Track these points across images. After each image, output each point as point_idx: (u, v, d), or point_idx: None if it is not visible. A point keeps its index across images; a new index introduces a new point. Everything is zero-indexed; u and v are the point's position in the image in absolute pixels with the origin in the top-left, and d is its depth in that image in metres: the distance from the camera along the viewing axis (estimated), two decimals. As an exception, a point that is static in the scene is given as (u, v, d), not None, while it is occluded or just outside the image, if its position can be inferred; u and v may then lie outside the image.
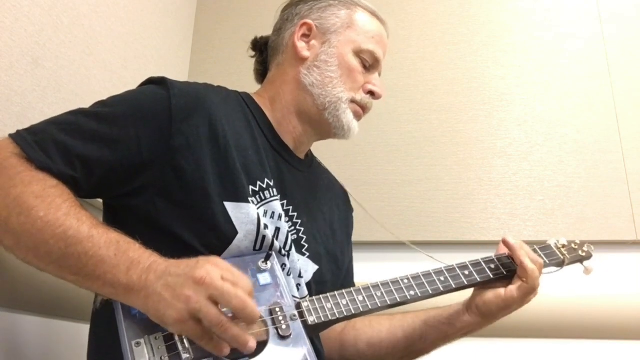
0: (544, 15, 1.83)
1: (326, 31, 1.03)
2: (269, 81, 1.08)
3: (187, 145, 0.85)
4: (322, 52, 1.02)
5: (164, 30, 1.75)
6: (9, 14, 1.04)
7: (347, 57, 1.02)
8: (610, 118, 1.68)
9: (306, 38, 1.04)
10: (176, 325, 0.67)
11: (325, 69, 1.01)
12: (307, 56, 1.03)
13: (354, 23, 1.04)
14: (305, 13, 1.06)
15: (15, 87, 1.05)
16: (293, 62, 1.04)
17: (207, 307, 0.66)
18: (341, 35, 1.03)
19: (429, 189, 1.70)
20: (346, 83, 1.01)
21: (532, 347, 1.53)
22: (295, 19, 1.06)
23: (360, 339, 1.06)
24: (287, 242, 0.93)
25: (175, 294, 0.66)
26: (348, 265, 1.12)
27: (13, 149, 0.77)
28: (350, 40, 1.02)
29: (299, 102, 1.02)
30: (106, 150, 0.81)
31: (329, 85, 1.00)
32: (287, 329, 0.77)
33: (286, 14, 1.09)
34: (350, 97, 1.01)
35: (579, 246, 1.06)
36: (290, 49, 1.04)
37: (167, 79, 0.89)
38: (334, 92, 1.00)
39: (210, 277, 0.66)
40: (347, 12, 1.05)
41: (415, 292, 0.89)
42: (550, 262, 1.00)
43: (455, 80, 1.80)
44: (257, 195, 0.90)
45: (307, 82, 1.01)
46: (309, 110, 1.01)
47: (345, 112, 1.01)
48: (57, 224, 0.71)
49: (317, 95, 1.00)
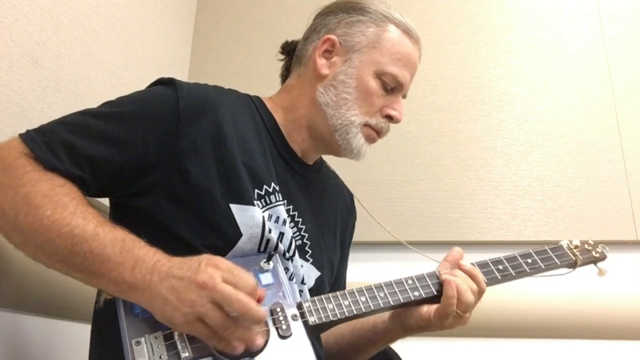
0: (544, 15, 1.83)
1: (349, 49, 0.99)
2: (286, 89, 1.06)
3: (193, 147, 0.85)
4: (342, 72, 0.98)
5: (164, 30, 1.75)
6: (9, 14, 1.04)
7: (366, 79, 0.97)
8: (610, 118, 1.69)
9: (329, 54, 1.00)
10: (184, 327, 0.69)
11: (342, 90, 0.97)
12: (326, 74, 0.99)
13: (380, 42, 0.98)
14: (333, 26, 1.02)
15: (15, 87, 1.05)
16: (312, 77, 1.00)
17: (211, 312, 0.67)
18: (364, 55, 0.98)
19: (429, 189, 1.70)
20: (362, 106, 0.97)
21: (532, 347, 1.53)
22: (322, 32, 1.02)
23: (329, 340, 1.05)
24: (291, 248, 0.92)
25: (179, 298, 0.67)
26: (339, 272, 1.11)
27: (22, 148, 0.77)
28: (373, 61, 0.98)
29: (311, 119, 1.00)
30: (113, 150, 0.81)
31: (343, 107, 0.97)
32: (287, 329, 0.77)
33: (315, 24, 1.06)
34: (363, 121, 0.98)
35: (592, 247, 1.03)
36: (311, 64, 1.01)
37: (176, 80, 0.89)
38: (347, 115, 0.97)
39: (213, 282, 0.67)
40: (376, 29, 0.99)
41: (420, 293, 0.87)
42: (561, 263, 0.98)
43: (455, 80, 1.80)
44: (262, 199, 0.90)
45: (322, 101, 0.98)
46: (320, 128, 0.99)
47: (356, 136, 0.97)
48: (63, 223, 0.72)
49: (330, 116, 0.97)
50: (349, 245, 1.16)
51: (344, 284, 1.15)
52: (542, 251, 0.98)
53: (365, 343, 1.00)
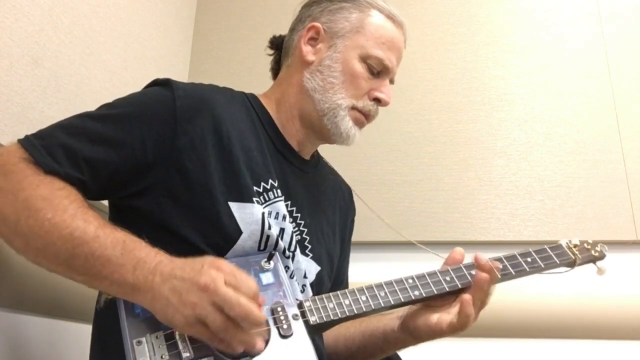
0: (544, 15, 1.83)
1: (334, 35, 1.01)
2: (277, 82, 1.08)
3: (191, 146, 0.85)
4: (327, 57, 1.00)
5: (164, 30, 1.75)
6: (9, 14, 1.04)
7: (352, 62, 0.99)
8: (610, 118, 1.69)
9: (314, 41, 1.02)
10: (185, 329, 0.69)
11: (328, 74, 0.99)
12: (312, 60, 1.01)
13: (364, 27, 1.00)
14: (316, 15, 1.04)
15: (15, 87, 1.05)
16: (299, 66, 1.02)
17: (212, 314, 0.67)
18: (348, 40, 1.00)
19: (429, 189, 1.70)
20: (348, 89, 0.99)
21: (532, 347, 1.53)
22: (306, 21, 1.04)
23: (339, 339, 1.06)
24: (292, 243, 0.93)
25: (181, 300, 0.67)
26: (340, 268, 1.11)
27: (21, 153, 0.78)
28: (358, 45, 0.99)
29: (301, 106, 1.01)
30: (112, 152, 0.82)
31: (330, 91, 0.98)
32: (288, 328, 0.77)
33: (300, 14, 1.08)
34: (350, 104, 0.99)
35: (591, 246, 1.03)
36: (297, 52, 1.03)
37: (172, 80, 0.90)
38: (334, 99, 0.98)
39: (214, 284, 0.67)
40: (359, 15, 1.01)
41: (420, 292, 0.87)
42: (561, 262, 0.99)
43: (455, 80, 1.80)
44: (261, 196, 0.90)
45: (309, 87, 1.00)
46: (309, 115, 1.00)
47: (343, 119, 0.98)
48: (63, 226, 0.72)
49: (318, 101, 0.99)
50: (349, 241, 1.17)
51: (346, 280, 1.15)
52: (542, 250, 0.98)
53: (375, 350, 1.00)
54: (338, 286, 1.09)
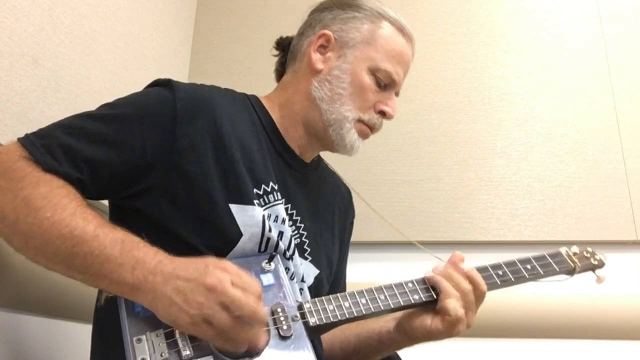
0: (544, 15, 1.83)
1: (344, 45, 1.00)
2: (281, 86, 1.07)
3: (191, 148, 0.85)
4: (336, 67, 0.99)
5: (164, 30, 1.75)
6: (9, 14, 1.04)
7: (361, 74, 0.98)
8: (610, 118, 1.69)
9: (323, 49, 1.01)
10: (189, 328, 0.69)
11: (337, 85, 0.98)
12: (321, 69, 1.00)
13: (374, 39, 0.99)
14: (328, 22, 1.02)
15: (15, 87, 1.05)
16: (307, 73, 1.01)
17: (219, 314, 0.67)
18: (358, 51, 0.99)
19: (429, 189, 1.70)
20: (355, 101, 0.98)
21: (532, 347, 1.53)
22: (317, 27, 1.03)
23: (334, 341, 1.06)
24: (291, 246, 0.93)
25: (186, 300, 0.67)
26: (338, 271, 1.11)
27: (21, 152, 0.78)
28: (368, 57, 0.98)
29: (307, 114, 1.00)
30: (111, 152, 0.82)
31: (337, 102, 0.97)
32: (288, 329, 0.77)
33: (310, 19, 1.06)
34: (357, 116, 0.98)
35: (591, 254, 1.04)
36: (306, 59, 1.01)
37: (173, 81, 0.89)
38: (341, 110, 0.97)
39: (222, 285, 0.67)
40: (371, 26, 1.00)
41: (419, 297, 0.88)
42: (560, 269, 0.99)
43: (455, 80, 1.80)
44: (261, 198, 0.90)
45: (316, 96, 0.99)
46: (315, 123, 0.99)
47: (349, 131, 0.98)
48: (63, 224, 0.72)
49: (324, 111, 0.98)
50: (347, 244, 1.16)
51: (344, 282, 1.15)
52: (541, 257, 0.98)
53: (370, 351, 1.00)
54: (335, 288, 1.09)
